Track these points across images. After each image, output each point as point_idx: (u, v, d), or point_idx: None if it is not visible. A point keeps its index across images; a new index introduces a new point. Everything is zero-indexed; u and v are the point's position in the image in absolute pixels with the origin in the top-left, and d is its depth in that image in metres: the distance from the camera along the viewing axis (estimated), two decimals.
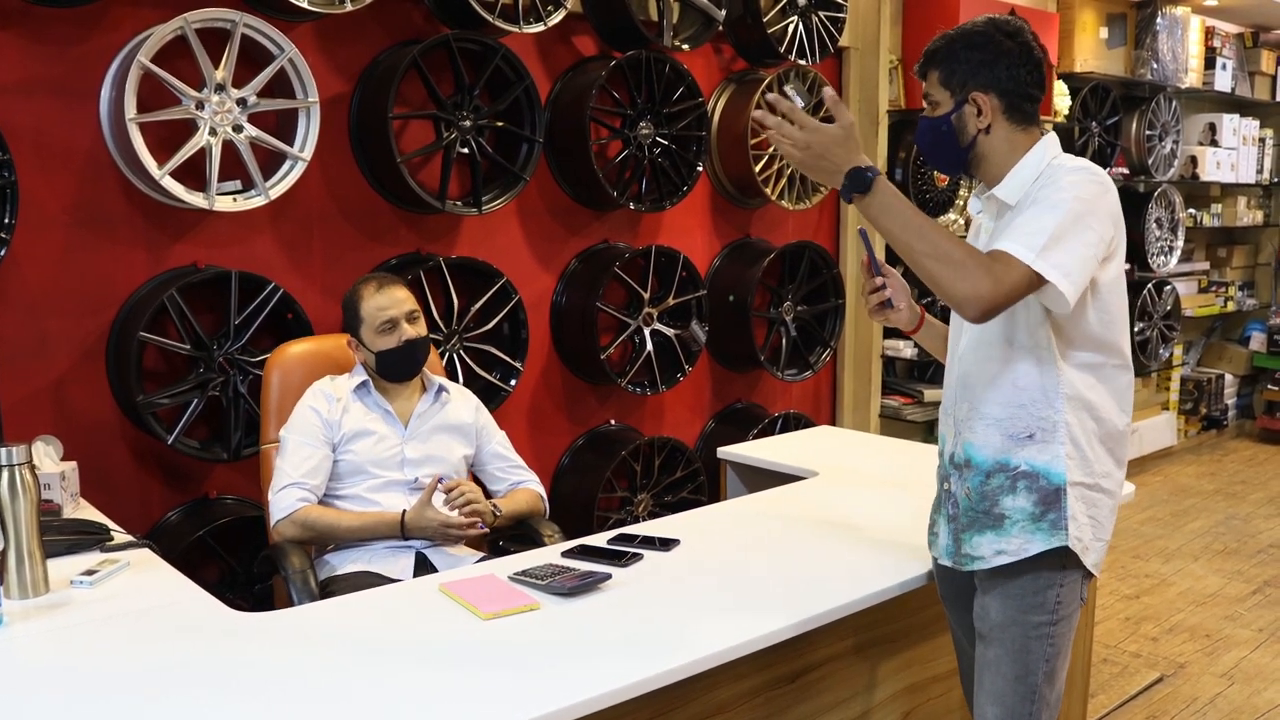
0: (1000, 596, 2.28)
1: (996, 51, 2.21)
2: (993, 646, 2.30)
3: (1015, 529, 2.22)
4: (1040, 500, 2.21)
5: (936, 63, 2.27)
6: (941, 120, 2.26)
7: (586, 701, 1.88)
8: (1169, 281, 7.35)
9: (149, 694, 1.87)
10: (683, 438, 4.69)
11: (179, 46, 3.22)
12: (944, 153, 2.31)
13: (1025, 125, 2.25)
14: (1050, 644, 2.24)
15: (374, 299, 3.01)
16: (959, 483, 2.32)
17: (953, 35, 2.27)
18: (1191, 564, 5.58)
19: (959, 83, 2.23)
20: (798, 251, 4.95)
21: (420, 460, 3.03)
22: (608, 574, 2.40)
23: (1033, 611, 2.24)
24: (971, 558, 2.29)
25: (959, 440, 2.32)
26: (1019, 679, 2.26)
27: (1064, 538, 2.20)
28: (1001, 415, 2.23)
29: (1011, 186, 2.23)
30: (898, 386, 5.62)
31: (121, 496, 3.34)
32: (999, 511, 2.24)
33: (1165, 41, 6.88)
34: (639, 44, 4.22)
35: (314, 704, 1.84)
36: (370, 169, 3.79)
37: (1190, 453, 8.04)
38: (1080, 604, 2.29)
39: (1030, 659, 2.25)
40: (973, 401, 2.28)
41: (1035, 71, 2.24)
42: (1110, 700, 4.04)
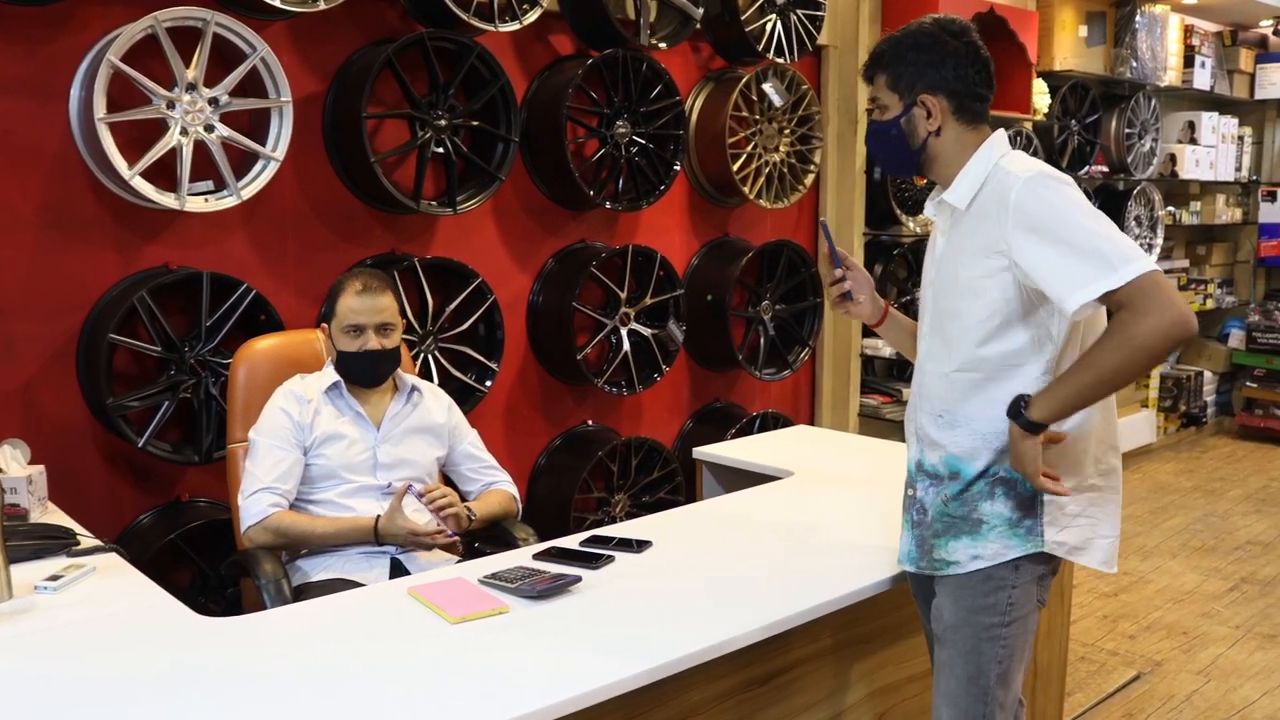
0: (953, 598, 2.27)
1: (943, 52, 2.20)
2: (946, 648, 2.30)
3: (993, 534, 2.21)
4: (1018, 505, 2.20)
5: (883, 66, 2.26)
6: (891, 124, 2.26)
7: (554, 705, 1.87)
8: None
9: (111, 701, 1.85)
10: (660, 438, 4.68)
11: (150, 45, 3.20)
12: (895, 156, 2.30)
13: (975, 124, 2.24)
14: (1002, 645, 2.23)
15: (352, 300, 2.95)
16: (934, 491, 2.29)
17: (898, 37, 2.26)
18: (1169, 561, 5.59)
19: (906, 85, 2.22)
20: (776, 250, 4.94)
21: (393, 464, 3.00)
22: (578, 576, 2.39)
23: (983, 613, 2.23)
24: (946, 562, 2.27)
25: (940, 453, 2.28)
26: (971, 680, 2.25)
27: (1040, 543, 2.20)
28: (988, 429, 2.21)
29: (961, 190, 2.22)
30: (877, 385, 5.62)
31: (91, 500, 3.32)
32: (977, 517, 2.23)
33: (1144, 40, 6.89)
34: (616, 42, 4.21)
35: (281, 709, 1.82)
36: (344, 169, 3.77)
37: (1169, 450, 8.06)
38: (1037, 605, 2.28)
39: (982, 660, 2.24)
40: (954, 416, 2.25)
41: (983, 71, 2.24)
42: (1087, 698, 4.04)
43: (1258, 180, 8.55)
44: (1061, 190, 2.09)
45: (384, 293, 2.99)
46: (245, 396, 3.08)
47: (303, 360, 3.15)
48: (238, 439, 3.06)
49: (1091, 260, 1.99)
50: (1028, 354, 2.17)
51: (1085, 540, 2.24)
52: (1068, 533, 2.21)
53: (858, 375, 5.45)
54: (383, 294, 2.98)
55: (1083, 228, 2.03)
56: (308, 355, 3.17)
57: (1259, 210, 8.48)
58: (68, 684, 1.91)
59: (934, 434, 2.29)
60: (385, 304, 2.98)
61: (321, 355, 3.11)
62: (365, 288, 2.97)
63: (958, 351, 2.23)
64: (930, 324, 2.34)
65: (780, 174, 4.91)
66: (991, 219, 2.15)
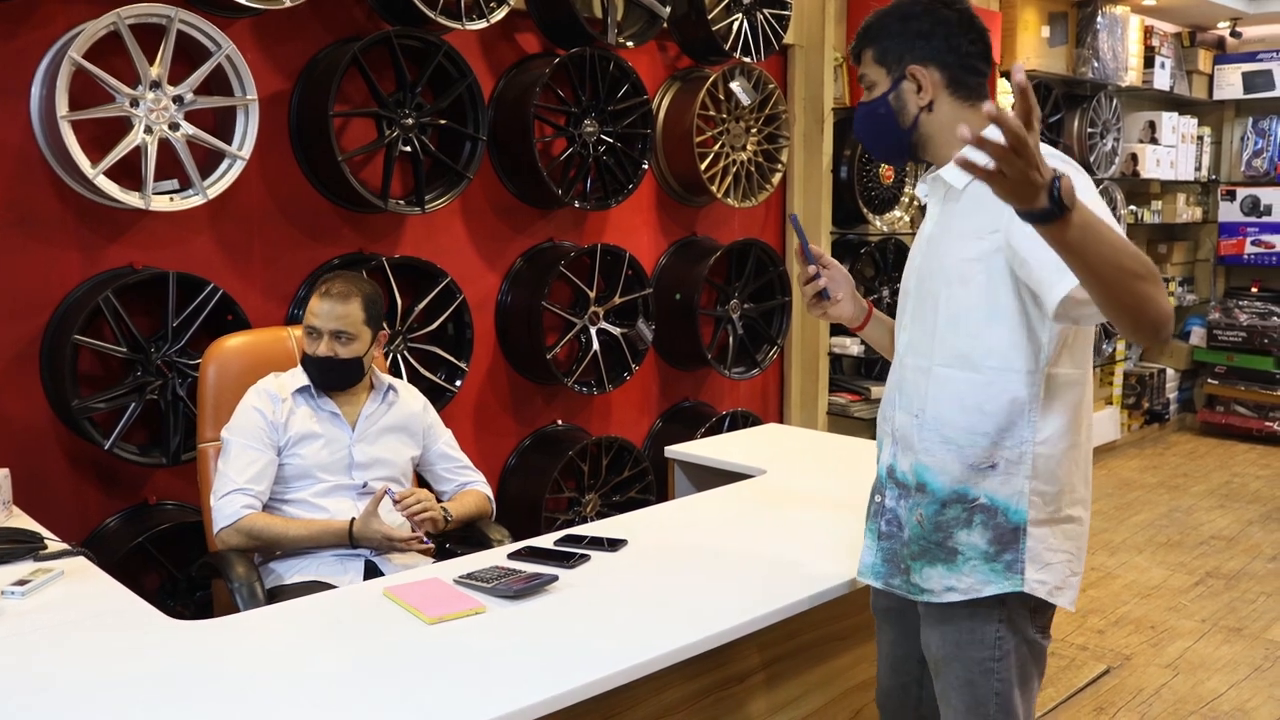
0: (938, 631, 2.12)
1: (933, 20, 2.03)
2: (940, 679, 2.15)
3: (968, 566, 2.03)
4: (996, 539, 2.01)
5: (870, 39, 2.10)
6: (879, 102, 2.09)
7: (532, 705, 1.86)
8: None
9: (82, 705, 1.82)
10: (630, 437, 4.68)
11: (113, 42, 3.15)
12: (885, 138, 2.13)
13: (971, 100, 2.06)
14: (998, 678, 2.06)
15: (316, 302, 2.92)
16: (905, 504, 2.14)
17: (886, 9, 2.09)
18: (1136, 556, 5.64)
19: (895, 58, 2.06)
20: (744, 249, 4.95)
21: (368, 464, 2.97)
22: (554, 576, 2.37)
23: (971, 648, 2.06)
24: (920, 589, 2.11)
25: (909, 457, 2.12)
26: (970, 711, 2.10)
27: (1019, 582, 2.00)
28: (964, 441, 2.02)
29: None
30: (845, 384, 5.63)
31: (57, 503, 3.27)
32: (952, 545, 2.04)
33: (1106, 40, 6.95)
34: (583, 41, 4.20)
35: (255, 712, 1.80)
36: (311, 168, 3.74)
37: (1133, 446, 8.13)
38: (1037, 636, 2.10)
39: (978, 693, 2.08)
40: (926, 417, 2.08)
41: (979, 41, 2.06)
42: (1058, 693, 4.06)
43: (1217, 180, 8.65)
44: (1084, 176, 1.89)
45: (349, 301, 2.90)
46: (215, 396, 3.03)
47: (273, 359, 3.11)
48: (208, 439, 3.02)
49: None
50: (1012, 356, 1.99)
51: (1063, 579, 2.04)
52: (1048, 571, 2.02)
53: (826, 373, 5.47)
54: (347, 302, 2.90)
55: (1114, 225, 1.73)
56: (278, 354, 3.13)
57: (1219, 209, 8.56)
58: (37, 688, 1.88)
59: (908, 435, 2.12)
60: (345, 312, 2.89)
61: (293, 354, 3.08)
62: (330, 292, 2.91)
63: (940, 343, 2.06)
64: (912, 313, 2.16)
65: (748, 173, 4.91)
66: (990, 197, 1.72)
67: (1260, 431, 8.20)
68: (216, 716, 1.79)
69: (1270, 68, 8.17)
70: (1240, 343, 8.33)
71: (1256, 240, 8.38)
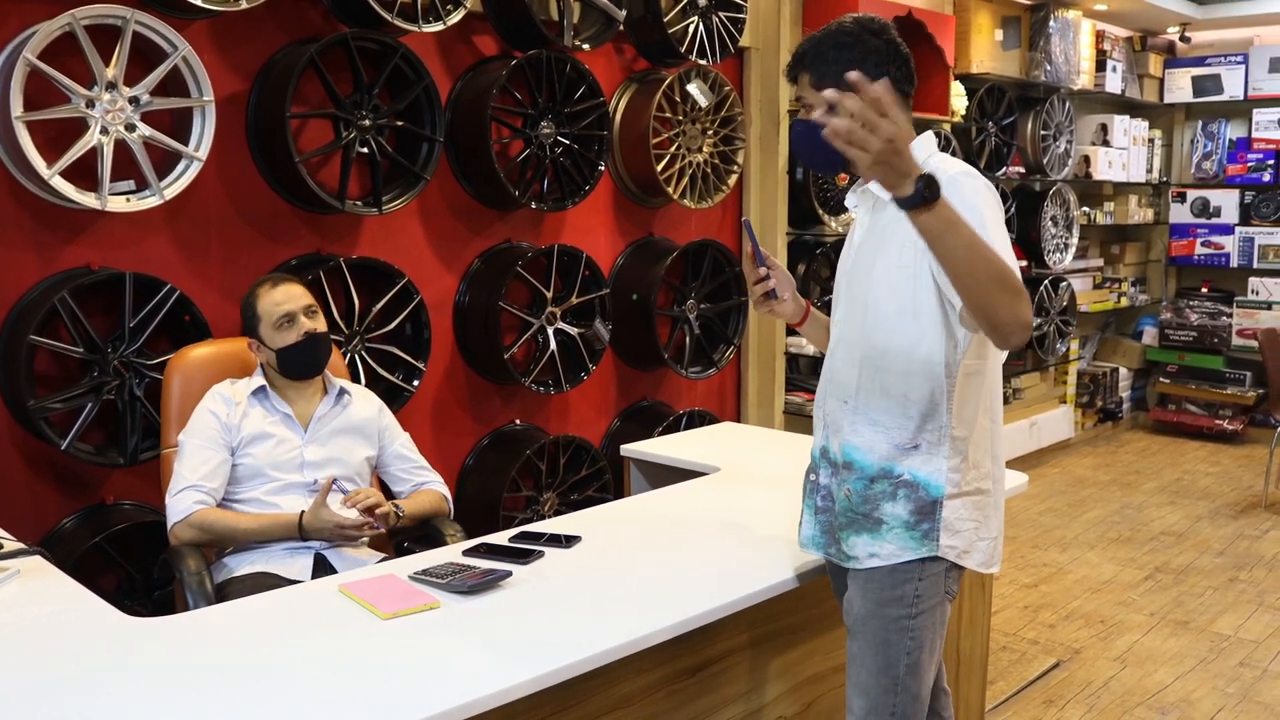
0: (861, 590, 2.31)
1: (864, 50, 2.23)
2: (856, 639, 2.34)
3: (890, 534, 2.25)
4: (916, 510, 2.24)
5: (806, 65, 2.29)
6: (816, 123, 2.19)
7: (485, 698, 1.89)
8: (1064, 278, 7.53)
9: (41, 701, 1.83)
10: (588, 436, 4.71)
11: (68, 43, 3.16)
12: (821, 154, 2.21)
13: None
14: (910, 637, 2.27)
15: (270, 295, 2.99)
16: (835, 480, 2.35)
17: (819, 37, 2.29)
18: (1088, 552, 5.73)
19: (830, 84, 2.22)
20: (700, 250, 4.99)
21: (320, 463, 3.00)
22: (508, 571, 2.41)
23: (890, 605, 2.26)
24: (848, 555, 2.32)
25: (838, 439, 2.34)
26: (881, 671, 2.29)
27: (934, 547, 2.24)
28: (891, 424, 2.25)
29: None
30: (801, 383, 5.68)
31: (13, 503, 3.27)
32: (878, 516, 2.26)
33: (1058, 44, 7.05)
34: (540, 44, 4.23)
35: (213, 707, 1.82)
36: (268, 169, 3.75)
37: (1087, 444, 8.24)
38: (946, 598, 2.31)
39: (891, 652, 2.27)
40: (857, 403, 2.29)
41: (904, 67, 2.27)
42: (1009, 686, 4.13)
43: (1168, 182, 8.78)
44: (984, 193, 2.12)
45: (294, 281, 3.08)
46: (179, 403, 3.09)
47: (235, 369, 3.16)
48: (171, 444, 3.05)
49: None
50: (934, 353, 2.21)
51: (970, 544, 2.27)
52: (958, 537, 2.25)
53: (782, 373, 5.52)
54: (294, 283, 3.07)
55: (993, 236, 2.03)
56: (240, 364, 3.18)
57: (1170, 211, 8.70)
58: None
59: (838, 420, 2.34)
60: (300, 290, 3.06)
61: (255, 364, 3.10)
62: (276, 282, 3.05)
63: (866, 340, 2.28)
64: (844, 312, 2.38)
65: (704, 174, 4.96)
66: None
67: (1210, 429, 8.34)
68: (175, 712, 1.81)
69: (1218, 72, 8.31)
70: (1191, 342, 8.47)
71: (1206, 241, 8.52)
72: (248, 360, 3.15)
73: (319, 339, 3.02)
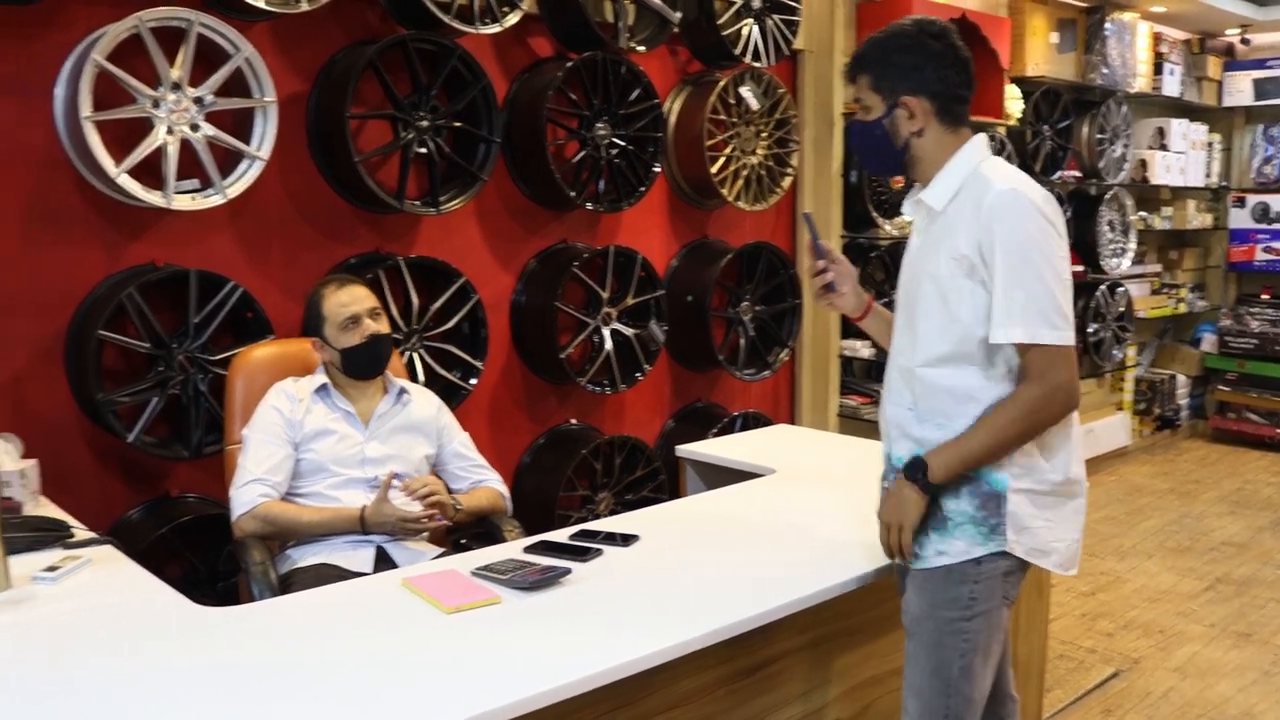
0: (918, 591, 2.33)
1: (925, 55, 2.24)
2: (912, 640, 2.35)
3: (958, 531, 2.25)
4: (982, 504, 2.24)
5: (866, 67, 2.30)
6: (874, 125, 2.30)
7: (549, 692, 1.90)
8: (1121, 283, 7.45)
9: (109, 688, 1.86)
10: (643, 436, 4.71)
11: (134, 45, 3.20)
12: (879, 156, 2.34)
13: (955, 126, 2.28)
14: (965, 639, 2.26)
15: (336, 296, 3.03)
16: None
17: (881, 39, 2.29)
18: (1145, 561, 5.66)
19: (889, 87, 2.26)
20: (755, 252, 4.98)
21: (381, 459, 3.03)
22: (568, 569, 2.42)
23: (945, 607, 2.27)
24: (916, 555, 2.32)
25: (907, 445, 2.33)
26: (934, 672, 2.29)
27: (1002, 542, 2.23)
28: (959, 426, 2.24)
29: (938, 191, 2.27)
30: (856, 386, 5.66)
31: (82, 495, 3.32)
32: (943, 514, 2.27)
33: (1114, 47, 6.98)
34: (595, 45, 4.24)
35: (280, 695, 1.85)
36: (328, 168, 3.78)
37: (1144, 452, 8.14)
38: (1003, 602, 2.30)
39: (944, 654, 2.28)
40: (918, 408, 2.31)
41: (963, 72, 2.28)
42: (1066, 695, 4.09)
43: (1228, 186, 8.66)
44: (1035, 219, 2.15)
45: (359, 283, 3.13)
46: (243, 401, 3.14)
47: (299, 367, 3.20)
48: (235, 441, 3.10)
49: (1029, 309, 2.12)
50: (984, 357, 2.23)
51: (1045, 543, 2.27)
52: (1027, 534, 2.24)
53: (837, 376, 5.50)
54: (358, 284, 3.11)
55: (1040, 275, 2.13)
56: (302, 364, 3.21)
57: (1229, 216, 8.58)
58: (70, 672, 1.93)
59: (903, 427, 2.35)
60: (364, 291, 3.10)
61: (316, 364, 3.15)
62: (342, 283, 3.09)
63: (923, 348, 2.29)
64: (903, 320, 2.39)
65: (758, 176, 4.95)
66: (965, 223, 2.20)
67: (1272, 439, 8.21)
68: (241, 700, 1.84)
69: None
70: (1252, 350, 8.34)
71: (1267, 247, 8.40)
72: (309, 360, 3.18)
73: (382, 340, 3.06)
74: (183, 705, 1.81)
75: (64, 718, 1.76)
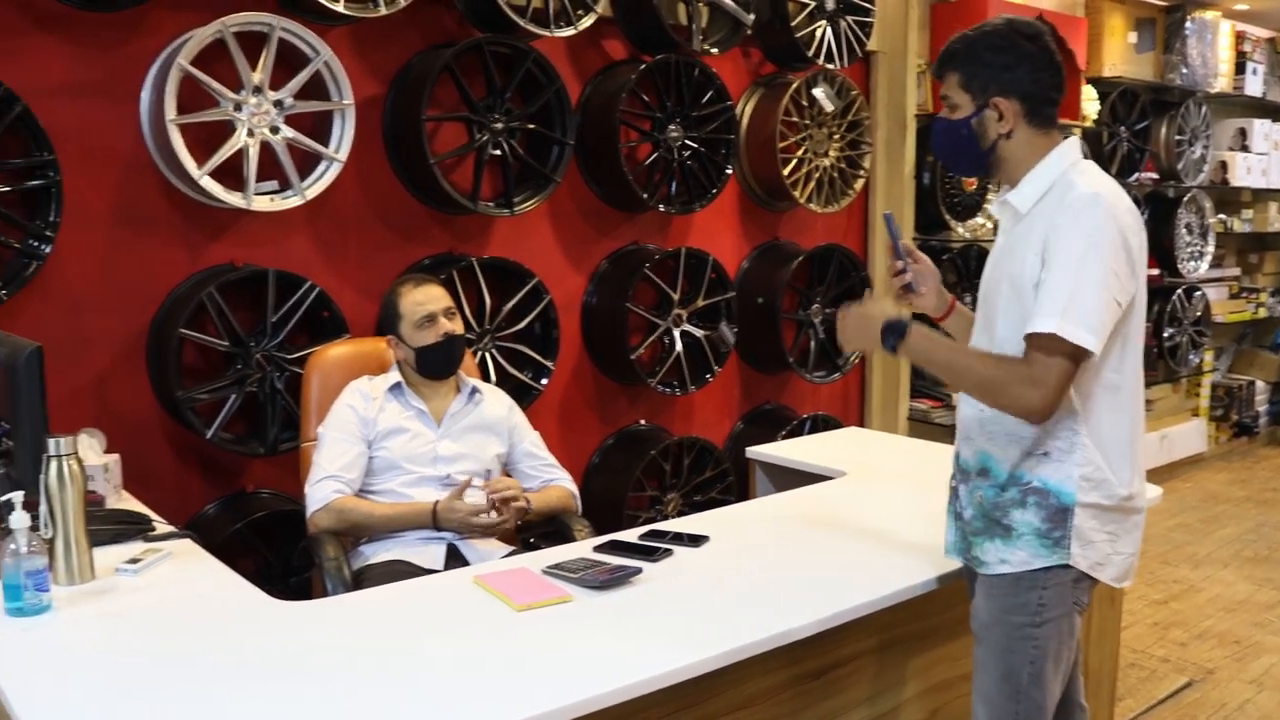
0: (987, 596, 2.31)
1: (1018, 55, 2.19)
2: (981, 645, 2.32)
3: (1021, 542, 2.23)
4: (1048, 518, 2.21)
5: (956, 64, 2.25)
6: (961, 124, 2.25)
7: (618, 690, 1.91)
8: (1199, 287, 7.33)
9: (190, 678, 1.91)
10: (712, 438, 4.72)
11: (218, 49, 3.27)
12: (964, 156, 2.30)
13: (1045, 129, 2.23)
14: (1034, 646, 2.23)
15: (412, 295, 3.07)
16: (968, 487, 2.35)
17: (972, 37, 2.23)
18: (1221, 570, 5.56)
19: (980, 87, 2.21)
20: (826, 254, 4.97)
21: (453, 457, 3.07)
22: (638, 568, 2.43)
23: (1015, 612, 2.24)
24: (980, 561, 2.31)
25: (973, 446, 2.33)
26: (1004, 678, 2.26)
27: (1066, 555, 2.20)
28: (1024, 433, 2.21)
29: (1025, 193, 2.23)
30: (926, 390, 5.63)
31: (162, 489, 3.39)
32: (1008, 523, 2.24)
33: (1195, 46, 6.87)
34: (668, 48, 4.26)
35: (355, 689, 1.88)
36: (404, 170, 3.84)
37: (1220, 459, 8.00)
38: (1074, 609, 2.27)
39: (1014, 659, 2.25)
40: (990, 412, 2.26)
41: (1056, 74, 2.23)
42: (1138, 704, 4.03)
43: None
44: (1108, 227, 2.09)
45: (435, 283, 3.15)
46: (319, 399, 3.19)
47: (373, 366, 3.25)
48: (310, 438, 3.15)
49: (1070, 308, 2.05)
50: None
51: (1105, 556, 2.23)
52: (1091, 548, 2.21)
53: (907, 379, 5.47)
54: (435, 284, 3.14)
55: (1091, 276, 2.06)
56: (376, 363, 3.26)
57: None
58: (150, 661, 1.98)
59: (973, 428, 2.33)
60: (440, 291, 3.13)
61: (389, 363, 3.19)
62: (419, 282, 3.12)
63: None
64: (982, 320, 2.36)
65: (830, 178, 4.94)
66: (1046, 223, 2.15)
67: None
68: (317, 692, 1.87)
69: None
70: None
71: None
72: (383, 359, 3.23)
73: (456, 340, 3.09)
74: (258, 695, 1.85)
75: (148, 704, 1.81)
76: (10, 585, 2.11)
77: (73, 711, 1.78)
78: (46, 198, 3.12)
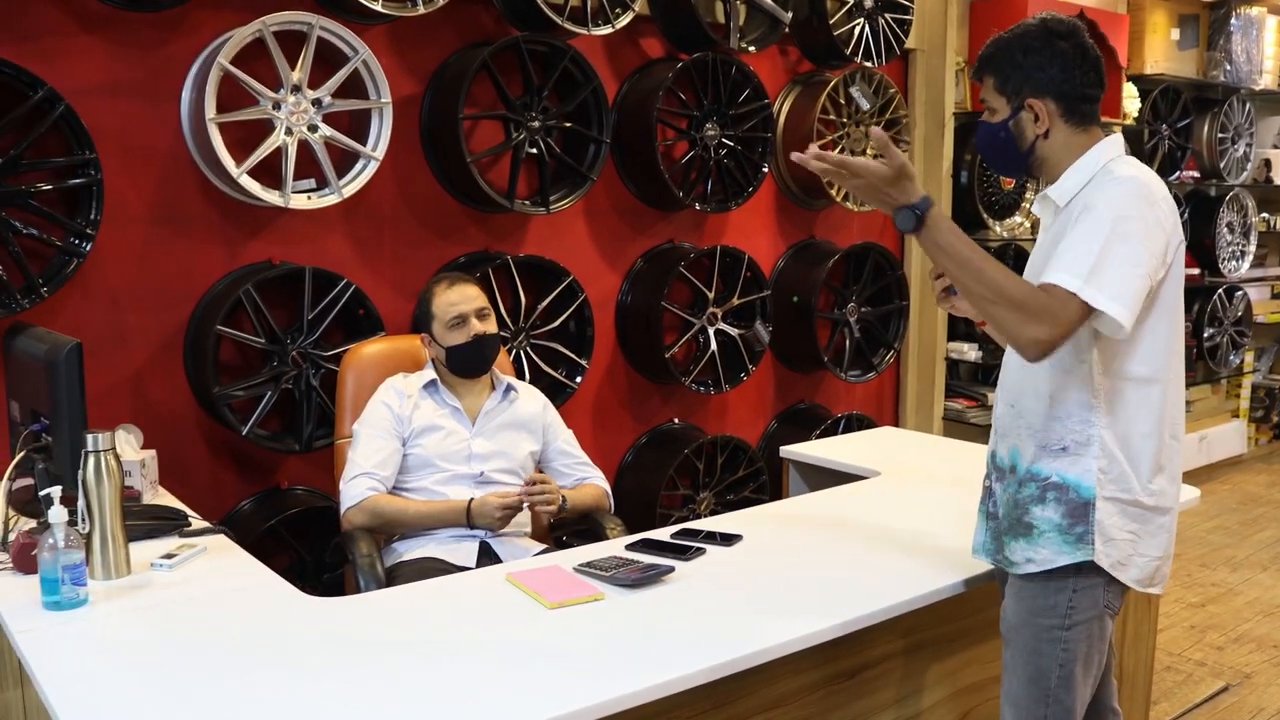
0: (1015, 598, 2.29)
1: (1052, 54, 2.17)
2: (1009, 648, 2.31)
3: (1043, 539, 2.21)
4: (1069, 513, 2.19)
5: (991, 68, 2.24)
6: (999, 127, 2.24)
7: (650, 689, 1.91)
8: (1240, 287, 7.25)
9: (223, 672, 1.93)
10: (745, 437, 4.71)
11: (257, 49, 3.30)
12: (1005, 158, 2.29)
13: (1084, 126, 2.21)
14: (1063, 648, 2.22)
15: (445, 295, 3.08)
16: (1000, 486, 2.33)
17: (1007, 39, 2.23)
18: (1260, 574, 5.50)
19: (1014, 89, 2.20)
20: (862, 253, 4.96)
21: (487, 455, 3.08)
22: (671, 567, 2.43)
23: (1043, 614, 2.23)
24: (1009, 561, 2.29)
25: (1005, 443, 2.31)
26: (1032, 681, 2.25)
27: (1090, 552, 2.17)
28: (1039, 426, 2.22)
29: (1064, 188, 2.21)
30: (961, 389, 5.60)
31: (197, 485, 3.43)
32: (1028, 520, 2.23)
33: (1239, 42, 6.78)
34: (705, 46, 4.26)
35: (386, 683, 1.89)
36: (440, 168, 3.86)
37: (1260, 461, 7.91)
38: (1105, 612, 2.24)
39: (1042, 662, 2.23)
40: (1019, 408, 2.27)
41: (1092, 71, 2.20)
42: (1174, 708, 4.00)
43: None
44: (1128, 198, 2.08)
45: (470, 282, 3.14)
46: (354, 396, 3.21)
47: (408, 364, 3.27)
48: (345, 435, 3.17)
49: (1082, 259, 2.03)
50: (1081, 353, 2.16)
51: (1126, 556, 2.20)
52: (1113, 546, 2.18)
53: (943, 379, 5.44)
54: (469, 284, 3.13)
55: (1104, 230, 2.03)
56: (411, 361, 3.28)
57: None
58: (185, 656, 2.00)
59: (1005, 424, 2.32)
60: (475, 291, 3.12)
61: (424, 360, 3.20)
62: (453, 282, 3.12)
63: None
64: None
65: None
66: (1076, 213, 2.13)
67: None
68: (349, 684, 1.89)
69: None
70: None
71: None
72: (419, 356, 3.25)
73: (486, 341, 3.09)
74: (291, 689, 1.87)
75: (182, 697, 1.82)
76: (48, 579, 2.13)
77: (107, 704, 1.80)
78: (87, 196, 3.16)
